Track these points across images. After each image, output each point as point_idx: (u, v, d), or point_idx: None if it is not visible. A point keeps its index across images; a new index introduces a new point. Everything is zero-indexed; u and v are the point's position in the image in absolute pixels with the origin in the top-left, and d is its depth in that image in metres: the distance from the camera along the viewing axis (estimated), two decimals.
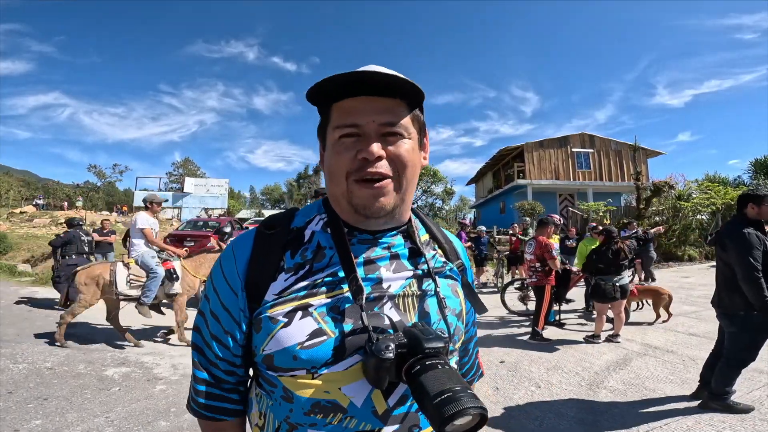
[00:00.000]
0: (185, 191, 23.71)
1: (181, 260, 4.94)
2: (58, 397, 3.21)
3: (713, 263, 3.20)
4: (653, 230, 9.55)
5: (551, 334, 5.17)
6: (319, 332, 0.60)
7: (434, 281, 0.68)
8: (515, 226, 10.99)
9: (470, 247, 9.84)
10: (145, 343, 4.71)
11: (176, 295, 4.72)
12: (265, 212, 34.00)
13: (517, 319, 6.23)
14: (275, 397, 0.63)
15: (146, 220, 4.76)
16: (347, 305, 0.62)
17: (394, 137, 0.62)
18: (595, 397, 3.30)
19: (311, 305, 0.61)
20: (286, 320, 0.60)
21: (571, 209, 17.97)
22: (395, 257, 0.68)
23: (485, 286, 9.91)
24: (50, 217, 18.84)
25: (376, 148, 0.60)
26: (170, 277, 4.69)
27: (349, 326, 0.60)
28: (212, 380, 0.68)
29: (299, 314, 0.61)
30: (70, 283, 6.59)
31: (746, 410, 2.89)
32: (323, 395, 0.59)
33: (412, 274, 0.67)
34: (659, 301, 5.62)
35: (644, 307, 6.28)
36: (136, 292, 4.58)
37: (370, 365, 0.56)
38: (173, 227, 17.34)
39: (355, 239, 0.67)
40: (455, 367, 0.70)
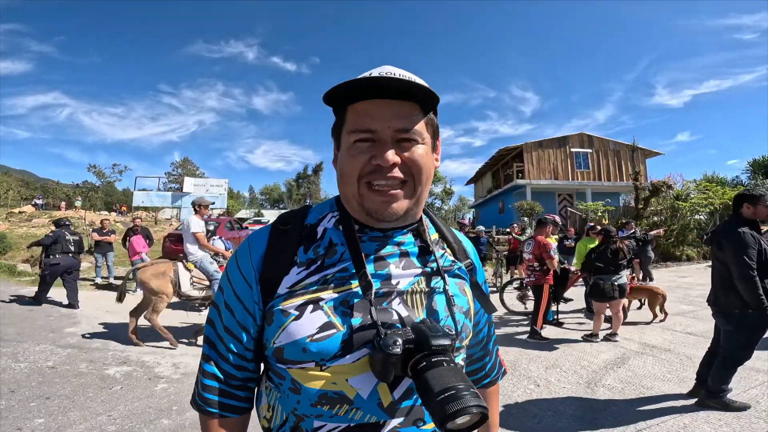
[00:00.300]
0: (184, 191, 23.65)
1: None
2: (60, 395, 3.23)
3: (711, 263, 3.22)
4: (653, 232, 9.60)
5: (550, 333, 5.20)
6: (328, 325, 0.61)
7: (443, 279, 0.69)
8: (514, 225, 11.03)
9: None
10: (145, 342, 4.73)
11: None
12: (264, 212, 34.00)
13: (515, 318, 6.26)
14: (283, 389, 0.65)
15: (198, 224, 4.76)
16: (356, 300, 0.63)
17: (408, 143, 0.63)
18: (593, 395, 3.33)
19: (322, 299, 0.63)
20: (297, 313, 0.62)
21: (569, 209, 18.01)
22: (405, 255, 0.69)
23: None
24: (49, 216, 18.75)
25: (390, 155, 0.60)
26: None
27: (357, 320, 0.62)
28: (220, 375, 0.69)
29: (310, 307, 0.62)
30: (69, 283, 6.68)
31: (742, 408, 2.91)
32: (331, 386, 0.61)
33: (421, 271, 0.68)
34: (654, 300, 5.65)
35: (643, 306, 6.31)
36: (197, 293, 4.72)
37: (377, 359, 0.57)
38: (172, 227, 17.34)
39: (365, 236, 0.68)
40: (462, 364, 0.72)
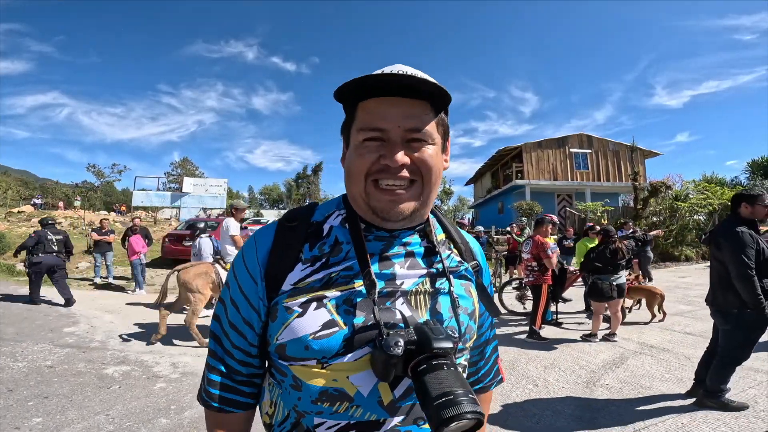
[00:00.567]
0: (184, 191, 23.60)
1: None
2: (58, 395, 3.23)
3: (709, 263, 3.23)
4: (653, 233, 9.63)
5: (548, 332, 5.20)
6: (331, 323, 0.61)
7: (448, 280, 0.68)
8: (513, 226, 11.04)
9: None
10: (144, 342, 4.72)
11: None
12: (263, 212, 33.97)
13: (514, 318, 6.26)
14: (285, 386, 0.65)
15: (236, 226, 4.80)
16: (360, 299, 0.63)
17: (418, 143, 0.62)
18: (591, 394, 3.33)
19: (326, 297, 0.63)
20: (300, 310, 0.62)
21: (569, 209, 18.06)
22: (410, 255, 0.68)
23: None
24: (48, 216, 18.75)
25: (400, 156, 0.60)
26: None
27: (360, 319, 0.61)
28: (225, 371, 0.69)
29: (314, 305, 0.62)
30: (56, 281, 6.74)
31: (741, 408, 2.92)
32: (331, 383, 0.61)
33: (426, 272, 0.68)
34: (652, 300, 5.66)
35: (642, 306, 6.32)
36: None
37: (378, 359, 0.57)
38: (172, 227, 17.32)
39: (371, 236, 0.68)
40: (465, 364, 0.72)
